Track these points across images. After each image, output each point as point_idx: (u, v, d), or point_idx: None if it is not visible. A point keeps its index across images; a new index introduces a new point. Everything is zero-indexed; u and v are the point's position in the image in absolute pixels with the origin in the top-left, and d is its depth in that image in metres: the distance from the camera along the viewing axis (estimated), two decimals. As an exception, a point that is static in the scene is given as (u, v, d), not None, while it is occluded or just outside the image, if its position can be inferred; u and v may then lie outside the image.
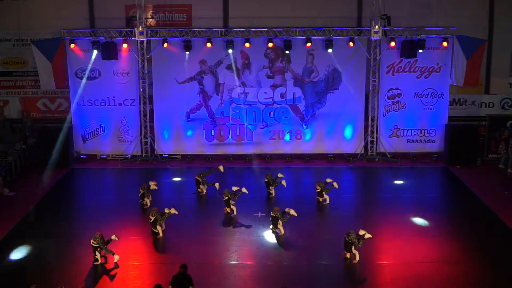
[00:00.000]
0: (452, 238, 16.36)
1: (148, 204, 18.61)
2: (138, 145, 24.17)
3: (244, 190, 18.19)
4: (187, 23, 24.35)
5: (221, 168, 20.45)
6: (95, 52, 22.89)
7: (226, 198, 17.83)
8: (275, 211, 16.44)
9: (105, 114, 23.96)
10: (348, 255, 14.92)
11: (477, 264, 14.80)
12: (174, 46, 23.25)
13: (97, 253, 14.70)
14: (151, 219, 16.30)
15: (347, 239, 14.79)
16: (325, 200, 18.88)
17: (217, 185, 19.79)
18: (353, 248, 14.80)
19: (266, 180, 19.73)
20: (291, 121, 24.12)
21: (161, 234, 16.37)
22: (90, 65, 23.28)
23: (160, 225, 16.47)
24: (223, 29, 23.50)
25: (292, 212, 16.44)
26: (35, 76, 24.22)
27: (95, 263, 14.67)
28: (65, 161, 23.22)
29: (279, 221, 16.42)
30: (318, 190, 18.88)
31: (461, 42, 22.79)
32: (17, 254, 15.36)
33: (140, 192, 18.76)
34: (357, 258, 14.79)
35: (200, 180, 19.77)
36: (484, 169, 23.03)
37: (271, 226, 16.59)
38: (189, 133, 24.18)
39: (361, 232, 14.91)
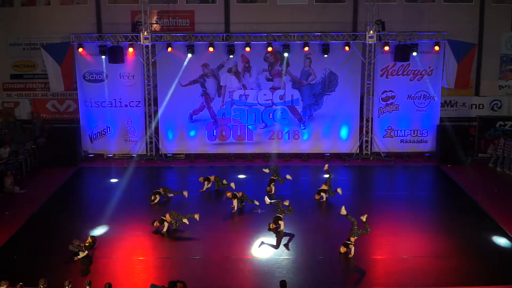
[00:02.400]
0: (443, 233, 16.40)
1: (156, 201, 18.65)
2: (143, 145, 24.21)
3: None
4: (190, 28, 24.40)
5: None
6: (102, 57, 22.96)
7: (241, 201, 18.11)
8: (280, 212, 16.52)
9: (112, 115, 23.98)
10: (342, 250, 14.94)
11: (467, 258, 14.83)
12: (177, 50, 23.28)
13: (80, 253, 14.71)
14: (165, 218, 16.33)
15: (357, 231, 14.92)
16: (321, 197, 18.93)
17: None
18: (350, 243, 14.84)
19: (273, 177, 19.69)
20: (290, 121, 24.16)
21: (165, 230, 16.40)
22: (104, 69, 23.40)
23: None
24: (224, 34, 23.53)
25: (286, 203, 16.60)
26: (44, 78, 24.27)
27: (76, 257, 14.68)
28: (73, 160, 23.28)
29: (280, 217, 16.47)
30: (322, 188, 18.88)
31: (452, 46, 22.83)
32: (27, 249, 15.41)
33: (158, 192, 18.78)
34: (352, 252, 14.84)
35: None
36: (474, 168, 23.06)
37: (271, 223, 16.59)
38: (192, 133, 24.22)
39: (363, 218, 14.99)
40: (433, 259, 14.79)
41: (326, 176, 19.20)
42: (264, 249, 15.47)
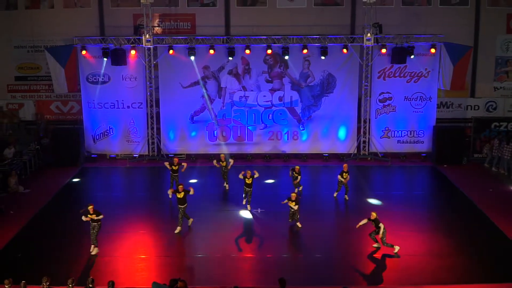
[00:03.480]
0: (439, 232, 16.38)
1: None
2: (145, 145, 24.19)
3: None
4: (191, 31, 24.37)
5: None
6: (105, 60, 22.94)
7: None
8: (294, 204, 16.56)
9: (114, 116, 23.97)
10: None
11: (463, 256, 14.83)
12: (179, 53, 23.27)
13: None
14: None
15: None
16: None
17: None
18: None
19: (296, 174, 19.54)
20: (289, 122, 24.13)
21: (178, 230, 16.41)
22: (102, 71, 23.36)
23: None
24: (225, 37, 23.53)
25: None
26: (48, 80, 24.25)
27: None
28: (76, 160, 23.23)
29: (296, 215, 16.52)
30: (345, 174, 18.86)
31: (448, 49, 22.84)
32: (31, 247, 15.37)
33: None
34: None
35: None
36: (469, 168, 23.04)
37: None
38: (193, 134, 24.20)
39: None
40: (429, 257, 14.76)
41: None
42: (264, 248, 15.43)
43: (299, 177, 19.14)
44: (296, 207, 16.39)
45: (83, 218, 14.99)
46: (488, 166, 22.95)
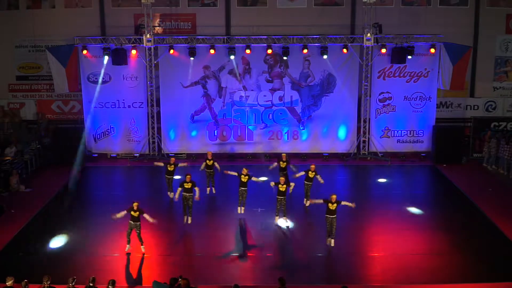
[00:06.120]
0: (438, 231, 16.40)
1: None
2: (146, 145, 24.21)
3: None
4: (192, 31, 24.39)
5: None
6: (106, 58, 22.96)
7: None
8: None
9: (115, 116, 23.98)
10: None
11: (462, 255, 14.85)
12: (179, 53, 23.29)
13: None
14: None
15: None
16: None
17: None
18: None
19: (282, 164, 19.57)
20: (289, 122, 24.15)
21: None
22: (103, 70, 23.32)
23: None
24: (225, 37, 23.54)
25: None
26: (49, 80, 24.28)
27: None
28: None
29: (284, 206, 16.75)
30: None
31: (448, 49, 22.85)
32: (32, 246, 15.40)
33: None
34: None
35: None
36: (469, 167, 23.06)
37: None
38: (194, 133, 24.22)
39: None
40: (429, 256, 14.78)
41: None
42: (264, 247, 15.45)
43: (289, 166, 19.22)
44: (285, 188, 16.56)
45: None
46: (487, 166, 22.95)
